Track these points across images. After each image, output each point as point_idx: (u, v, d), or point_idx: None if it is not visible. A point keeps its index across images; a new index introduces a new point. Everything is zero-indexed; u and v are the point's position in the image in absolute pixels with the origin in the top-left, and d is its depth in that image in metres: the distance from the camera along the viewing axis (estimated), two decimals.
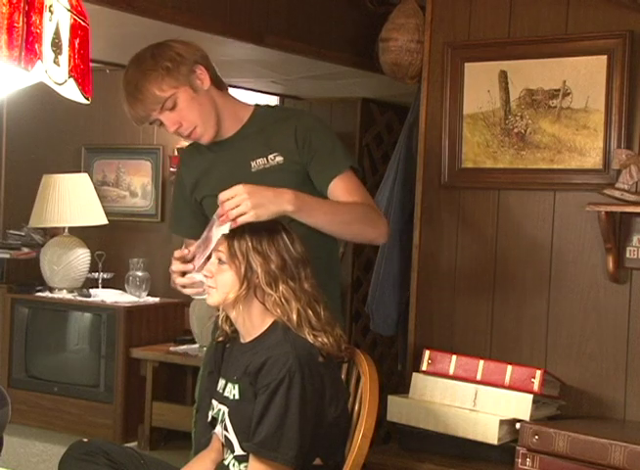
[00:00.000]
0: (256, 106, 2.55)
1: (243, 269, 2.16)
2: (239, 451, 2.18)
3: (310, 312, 2.18)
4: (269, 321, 2.19)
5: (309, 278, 2.21)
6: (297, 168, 2.43)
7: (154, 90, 2.33)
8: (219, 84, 2.47)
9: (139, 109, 2.38)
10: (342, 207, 2.35)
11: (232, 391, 2.21)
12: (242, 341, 2.26)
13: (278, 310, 2.17)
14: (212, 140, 2.46)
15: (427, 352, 3.06)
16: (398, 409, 3.03)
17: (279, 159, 2.43)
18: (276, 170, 2.43)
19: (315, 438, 2.14)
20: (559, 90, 3.10)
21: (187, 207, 2.60)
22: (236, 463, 2.21)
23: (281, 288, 2.16)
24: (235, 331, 2.28)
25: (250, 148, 2.47)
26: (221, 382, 2.27)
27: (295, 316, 2.16)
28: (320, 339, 2.16)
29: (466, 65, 3.26)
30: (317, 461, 2.19)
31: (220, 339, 2.33)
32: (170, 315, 5.17)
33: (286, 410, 2.06)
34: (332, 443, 2.21)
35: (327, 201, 2.36)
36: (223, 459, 2.27)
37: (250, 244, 2.17)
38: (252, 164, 2.45)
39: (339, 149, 2.46)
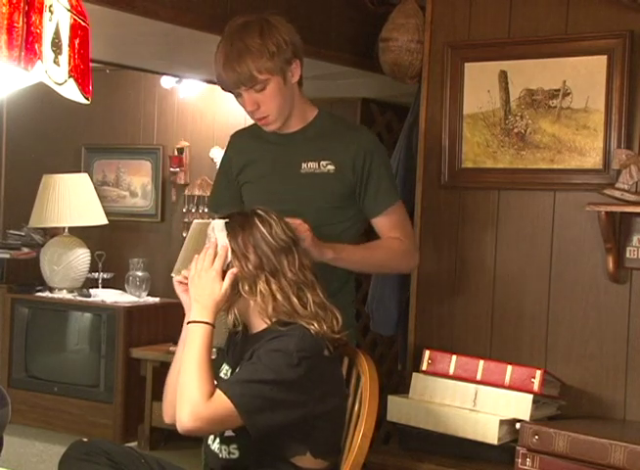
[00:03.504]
0: (320, 110, 2.62)
1: None
2: (228, 433, 2.18)
3: (296, 301, 2.16)
4: (268, 320, 2.19)
5: (294, 263, 2.19)
6: (345, 182, 2.52)
7: (252, 70, 2.39)
8: (300, 80, 2.54)
9: (231, 78, 2.43)
10: (373, 255, 2.54)
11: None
12: (250, 332, 2.26)
13: (261, 311, 2.17)
14: (275, 131, 2.53)
15: (427, 352, 3.06)
16: (398, 409, 3.03)
17: (330, 167, 2.51)
18: (325, 178, 2.50)
19: (299, 427, 2.12)
20: (559, 90, 3.10)
21: (229, 187, 2.67)
22: (217, 440, 2.22)
23: (260, 288, 2.15)
24: (244, 322, 2.28)
25: (305, 149, 2.54)
26: (225, 367, 2.28)
27: (281, 311, 2.15)
28: (312, 326, 2.15)
29: (466, 65, 3.26)
30: (310, 459, 2.18)
31: (238, 329, 2.32)
32: (170, 315, 5.17)
33: (267, 373, 2.04)
34: (321, 436, 2.19)
35: (359, 252, 2.51)
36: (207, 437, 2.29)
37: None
38: (303, 165, 2.52)
39: (392, 178, 2.61)
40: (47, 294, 5.23)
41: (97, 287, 5.31)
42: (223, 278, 2.15)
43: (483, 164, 3.25)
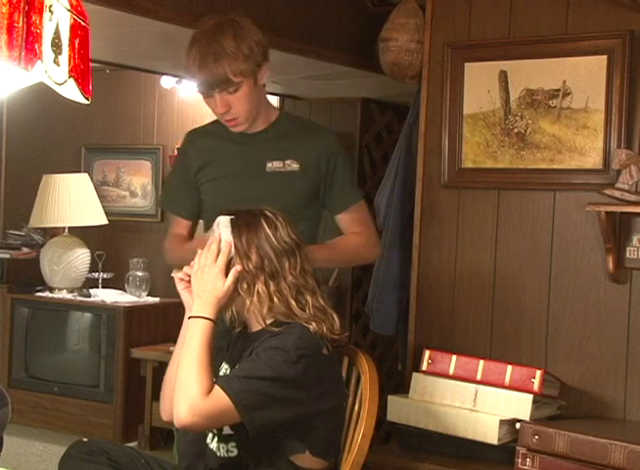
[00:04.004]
0: (281, 110, 2.64)
1: None
2: (226, 431, 2.18)
3: (294, 304, 2.16)
4: (262, 321, 2.19)
5: (295, 266, 2.19)
6: (310, 181, 2.57)
7: (228, 72, 2.41)
8: (265, 81, 2.58)
9: (207, 80, 2.44)
10: (336, 252, 2.59)
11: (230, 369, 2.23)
12: (249, 330, 2.26)
13: (256, 311, 2.17)
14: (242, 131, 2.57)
15: (427, 352, 3.06)
16: (398, 409, 3.03)
17: (295, 166, 2.56)
18: (290, 176, 2.55)
19: (297, 425, 2.13)
20: (559, 90, 3.10)
21: (185, 186, 2.67)
22: (216, 438, 2.23)
23: (258, 288, 2.15)
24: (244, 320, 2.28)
25: (269, 148, 2.57)
26: (224, 366, 2.28)
27: (277, 313, 2.15)
28: (311, 326, 2.15)
29: (466, 65, 3.26)
30: (309, 458, 2.18)
31: (238, 329, 2.33)
32: (170, 315, 5.17)
33: (266, 370, 2.04)
34: (320, 435, 2.19)
35: (324, 252, 2.54)
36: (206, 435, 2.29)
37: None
38: (268, 164, 2.56)
39: (354, 177, 2.70)
40: (47, 294, 5.23)
41: (97, 287, 5.31)
42: (226, 274, 2.15)
43: (483, 164, 3.25)
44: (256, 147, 2.58)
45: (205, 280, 2.14)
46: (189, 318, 2.15)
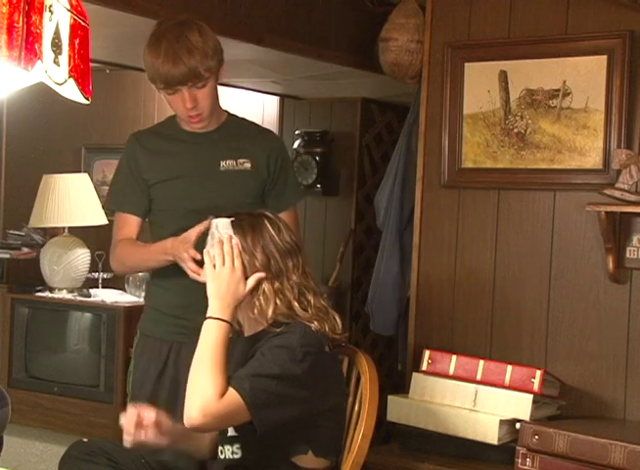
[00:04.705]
0: (228, 112, 2.72)
1: None
2: (231, 432, 2.19)
3: (297, 305, 2.17)
4: (265, 321, 2.19)
5: (298, 267, 2.20)
6: (260, 179, 2.66)
7: (198, 66, 2.45)
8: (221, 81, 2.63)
9: (181, 74, 2.46)
10: None
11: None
12: (245, 334, 2.25)
13: (260, 311, 2.17)
14: (195, 130, 2.62)
15: (427, 352, 3.07)
16: (398, 409, 3.03)
17: (247, 165, 2.63)
18: (243, 175, 2.62)
19: (301, 425, 2.13)
20: (559, 90, 3.10)
21: (135, 185, 2.68)
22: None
23: (264, 287, 2.16)
24: (239, 323, 2.28)
25: (223, 148, 2.63)
26: None
27: (279, 313, 2.16)
28: (313, 324, 2.15)
29: (466, 65, 3.26)
30: (312, 458, 2.18)
31: (230, 336, 2.32)
32: None
33: (273, 368, 2.04)
34: (322, 434, 2.19)
35: None
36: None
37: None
38: (222, 163, 2.62)
39: (297, 182, 2.85)
40: (47, 294, 5.22)
41: (97, 287, 5.30)
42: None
43: (483, 164, 3.25)
44: (210, 146, 2.63)
45: (226, 282, 2.14)
46: (206, 319, 2.14)
